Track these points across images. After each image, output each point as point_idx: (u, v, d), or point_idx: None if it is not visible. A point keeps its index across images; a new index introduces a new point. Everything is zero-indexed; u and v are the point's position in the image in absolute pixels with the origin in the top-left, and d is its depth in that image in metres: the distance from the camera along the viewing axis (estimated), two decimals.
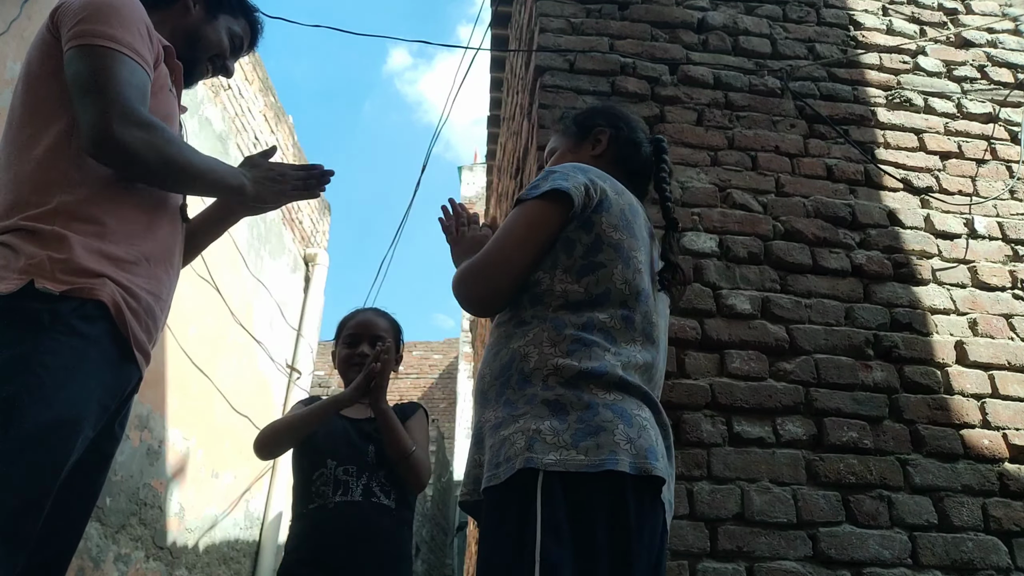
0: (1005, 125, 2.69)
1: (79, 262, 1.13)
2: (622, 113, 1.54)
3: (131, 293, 1.19)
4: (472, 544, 4.77)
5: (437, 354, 13.85)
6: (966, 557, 1.92)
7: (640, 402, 1.15)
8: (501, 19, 4.20)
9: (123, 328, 1.16)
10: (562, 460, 1.04)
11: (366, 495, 1.88)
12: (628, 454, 1.06)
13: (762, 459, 1.99)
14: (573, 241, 1.23)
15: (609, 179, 1.33)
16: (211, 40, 1.47)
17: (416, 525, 8.29)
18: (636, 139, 1.48)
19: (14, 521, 1.02)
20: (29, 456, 1.03)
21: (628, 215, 1.29)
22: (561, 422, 1.08)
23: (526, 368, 1.16)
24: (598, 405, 1.10)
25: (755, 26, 2.75)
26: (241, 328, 4.91)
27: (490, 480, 1.10)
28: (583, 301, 1.21)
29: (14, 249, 1.12)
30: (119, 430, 1.28)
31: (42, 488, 1.05)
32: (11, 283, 1.08)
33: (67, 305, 1.10)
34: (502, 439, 1.11)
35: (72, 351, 1.09)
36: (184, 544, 4.21)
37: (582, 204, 1.23)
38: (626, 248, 1.25)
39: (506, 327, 1.25)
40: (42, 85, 1.24)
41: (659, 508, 1.12)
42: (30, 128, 1.22)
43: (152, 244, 1.26)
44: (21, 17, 2.96)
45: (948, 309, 2.31)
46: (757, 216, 2.37)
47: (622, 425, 1.08)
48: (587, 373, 1.13)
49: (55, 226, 1.14)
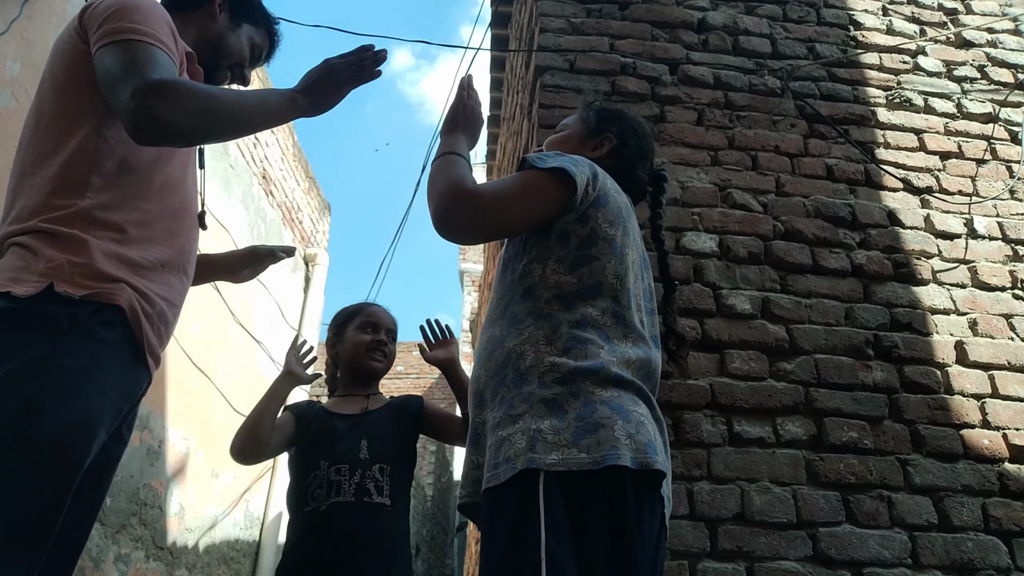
0: (1005, 125, 2.69)
1: (98, 266, 1.14)
2: (640, 131, 1.52)
3: (147, 299, 1.20)
4: (472, 544, 4.77)
5: None
6: (966, 557, 1.92)
7: (636, 397, 1.15)
8: (501, 19, 4.20)
9: (138, 333, 1.17)
10: (564, 459, 1.05)
11: (359, 494, 1.84)
12: (628, 449, 1.06)
13: (762, 459, 1.99)
14: (569, 233, 1.24)
15: (609, 178, 1.34)
16: (233, 48, 1.48)
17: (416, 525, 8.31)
18: (635, 161, 1.48)
19: (34, 523, 1.03)
20: (49, 458, 1.04)
21: (624, 214, 1.30)
22: (561, 420, 1.09)
23: (522, 366, 1.17)
24: (595, 402, 1.10)
25: (755, 26, 2.75)
26: (241, 328, 4.91)
27: (490, 481, 1.10)
28: (575, 292, 1.21)
29: (34, 251, 1.13)
30: (126, 433, 1.29)
31: (61, 490, 1.06)
32: (30, 286, 1.09)
33: (86, 309, 1.11)
34: (501, 439, 1.11)
35: (90, 355, 1.10)
36: (184, 544, 4.21)
37: (582, 195, 1.24)
38: (620, 244, 1.26)
39: (499, 325, 1.25)
40: (68, 91, 1.25)
41: (658, 503, 1.13)
42: (56, 133, 1.23)
43: (169, 251, 1.28)
44: (21, 17, 2.96)
45: (948, 309, 2.31)
46: (757, 216, 2.37)
47: (620, 421, 1.09)
48: (583, 370, 1.13)
49: (75, 230, 1.16)
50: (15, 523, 1.00)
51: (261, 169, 5.28)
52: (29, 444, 1.02)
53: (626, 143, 1.48)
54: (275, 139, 5.57)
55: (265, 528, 5.23)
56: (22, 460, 1.01)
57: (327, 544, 1.80)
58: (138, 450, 3.75)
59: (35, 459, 1.02)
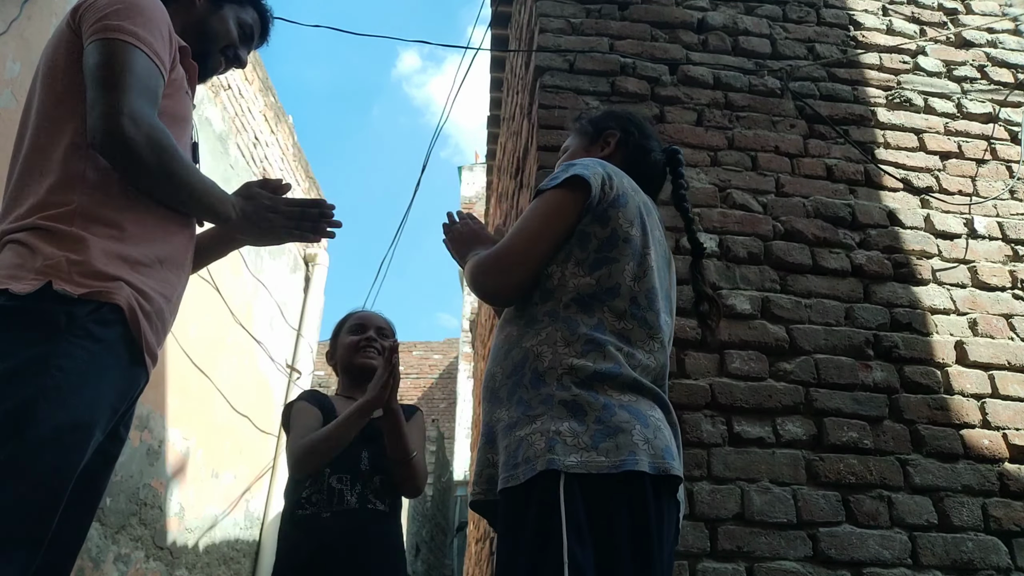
0: (1005, 125, 2.69)
1: (97, 265, 1.14)
2: (636, 119, 1.54)
3: (144, 295, 1.19)
4: (472, 544, 4.76)
5: (437, 354, 13.86)
6: (966, 557, 1.92)
7: (652, 403, 1.16)
8: (501, 19, 4.20)
9: (136, 333, 1.17)
10: (583, 462, 1.05)
11: (362, 502, 1.88)
12: (647, 454, 1.07)
13: (762, 459, 1.99)
14: (588, 235, 1.24)
15: (626, 176, 1.34)
16: (219, 32, 1.47)
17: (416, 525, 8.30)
18: (646, 145, 1.49)
19: (31, 522, 1.03)
20: (46, 458, 1.04)
21: (643, 213, 1.30)
22: (580, 424, 1.09)
23: (540, 367, 1.16)
24: (614, 406, 1.10)
25: (755, 26, 2.75)
26: (241, 328, 4.91)
27: (508, 481, 1.10)
28: (593, 294, 1.21)
29: (31, 248, 1.13)
30: (124, 432, 1.29)
31: (58, 490, 1.06)
32: (28, 283, 1.09)
33: (84, 308, 1.10)
34: (519, 439, 1.11)
35: (88, 354, 1.09)
36: (184, 544, 4.21)
37: (599, 195, 1.24)
38: (639, 245, 1.25)
39: (516, 325, 1.25)
40: (64, 87, 1.24)
41: (674, 507, 1.14)
42: (52, 130, 1.23)
43: (167, 247, 1.27)
44: (21, 17, 2.96)
45: (948, 309, 2.31)
46: (757, 216, 2.37)
47: (639, 426, 1.09)
48: (602, 374, 1.13)
49: (74, 227, 1.15)
50: (11, 523, 1.00)
51: (261, 169, 5.28)
52: (25, 444, 1.02)
53: (629, 132, 1.49)
54: (275, 139, 5.57)
55: (265, 528, 5.23)
56: (18, 460, 1.01)
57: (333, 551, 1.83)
58: (138, 450, 3.75)
59: (31, 459, 1.02)
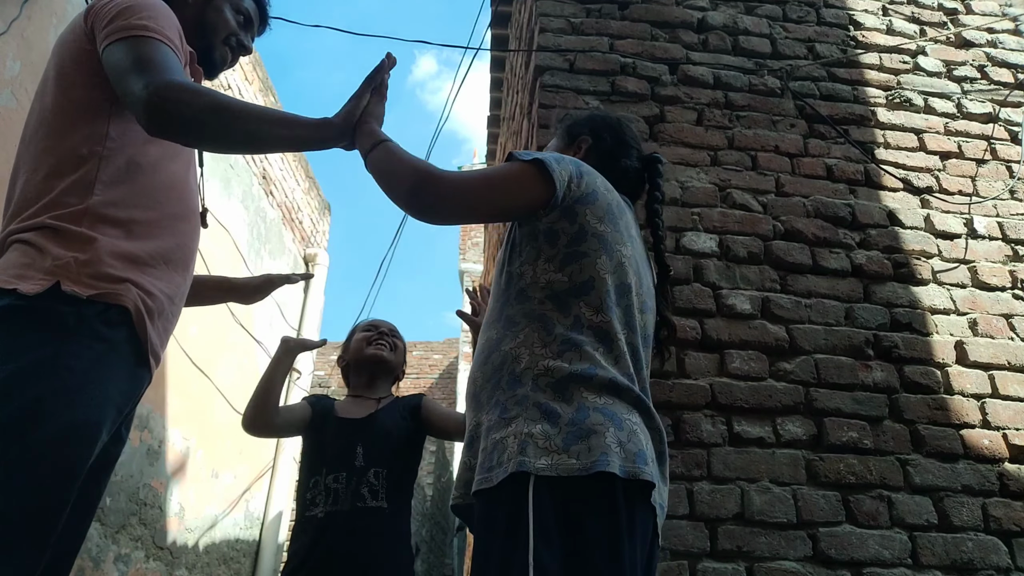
0: (1005, 125, 2.69)
1: (105, 266, 1.15)
2: (614, 126, 1.53)
3: (150, 295, 1.21)
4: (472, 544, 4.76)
5: (437, 354, 13.85)
6: (966, 557, 1.92)
7: (630, 406, 1.15)
8: (501, 19, 4.20)
9: (142, 335, 1.18)
10: (553, 465, 1.04)
11: (354, 501, 1.90)
12: (619, 457, 1.06)
13: (762, 459, 1.99)
14: (556, 232, 1.24)
15: (600, 176, 1.34)
16: (216, 22, 1.48)
17: (416, 525, 8.30)
18: (616, 152, 1.48)
19: (38, 521, 1.03)
20: (53, 458, 1.04)
21: (615, 210, 1.30)
22: (552, 426, 1.08)
23: (516, 369, 1.17)
24: (588, 408, 1.10)
25: (755, 26, 2.75)
26: (241, 328, 4.90)
27: (481, 484, 1.10)
28: (567, 291, 1.21)
29: (39, 248, 1.13)
30: (125, 432, 1.30)
31: (65, 490, 1.06)
32: (37, 283, 1.09)
33: (92, 309, 1.11)
34: (494, 442, 1.11)
35: (95, 355, 1.10)
36: (184, 544, 4.21)
37: (564, 192, 1.24)
38: (610, 241, 1.25)
39: (496, 328, 1.25)
40: (74, 89, 1.25)
41: (649, 511, 1.12)
42: (61, 132, 1.23)
43: (172, 247, 1.29)
44: (21, 17, 2.95)
45: (948, 309, 2.31)
46: (757, 216, 2.37)
47: (612, 428, 1.08)
48: (577, 375, 1.13)
49: (83, 227, 1.16)
50: (19, 521, 1.01)
51: (261, 169, 5.28)
52: (34, 444, 1.02)
53: (601, 138, 1.49)
54: None
55: (265, 528, 5.23)
56: (27, 459, 1.02)
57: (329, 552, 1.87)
58: (138, 450, 3.75)
59: (40, 459, 1.03)
